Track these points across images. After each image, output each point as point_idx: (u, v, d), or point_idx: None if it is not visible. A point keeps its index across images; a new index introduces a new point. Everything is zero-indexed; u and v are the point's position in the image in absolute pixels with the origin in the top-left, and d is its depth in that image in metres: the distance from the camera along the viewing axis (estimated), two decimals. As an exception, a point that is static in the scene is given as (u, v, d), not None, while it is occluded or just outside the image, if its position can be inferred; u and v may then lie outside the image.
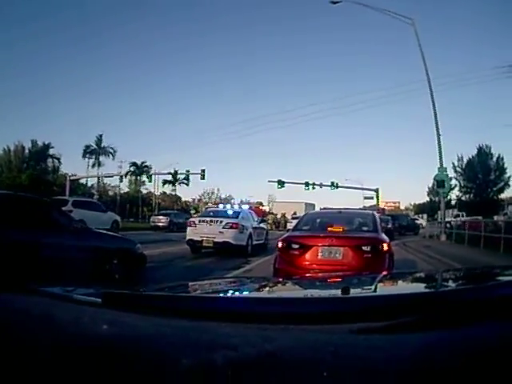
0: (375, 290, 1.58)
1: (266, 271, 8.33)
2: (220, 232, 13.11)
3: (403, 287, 1.72)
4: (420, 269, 9.84)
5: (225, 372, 0.56)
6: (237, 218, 13.95)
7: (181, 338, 0.69)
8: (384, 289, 1.72)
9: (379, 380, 0.58)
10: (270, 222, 40.40)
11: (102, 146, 51.08)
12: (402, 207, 62.67)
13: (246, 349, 0.62)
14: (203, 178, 39.52)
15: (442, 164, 23.66)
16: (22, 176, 38.51)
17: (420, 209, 62.16)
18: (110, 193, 59.91)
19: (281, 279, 2.97)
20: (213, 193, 66.88)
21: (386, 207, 47.04)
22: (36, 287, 1.06)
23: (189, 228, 13.84)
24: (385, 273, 4.49)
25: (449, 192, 27.36)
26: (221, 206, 16.93)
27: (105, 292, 1.01)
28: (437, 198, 57.24)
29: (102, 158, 50.91)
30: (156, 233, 25.43)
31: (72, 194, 30.59)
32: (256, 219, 15.99)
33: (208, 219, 13.80)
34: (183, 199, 64.71)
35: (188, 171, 42.28)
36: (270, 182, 42.43)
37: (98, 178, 47.72)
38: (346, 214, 8.03)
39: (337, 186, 41.79)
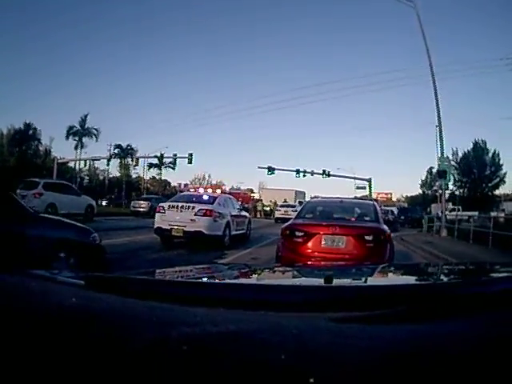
0: (361, 281, 1.67)
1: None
2: (191, 220, 11.47)
3: (392, 279, 1.77)
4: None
5: (180, 347, 0.56)
6: (212, 203, 12.29)
7: (146, 315, 0.67)
8: (371, 279, 1.71)
9: (345, 369, 0.55)
10: (258, 209, 39.69)
11: (86, 127, 48.39)
12: (394, 199, 61.91)
13: (207, 327, 0.62)
14: (190, 162, 38.95)
15: (442, 153, 22.33)
16: (10, 160, 37.44)
17: (413, 201, 61.73)
18: (101, 177, 58.64)
19: (265, 267, 3.00)
20: (203, 178, 65.90)
21: (378, 198, 46.64)
22: (22, 269, 1.02)
23: (157, 214, 12.16)
24: (383, 263, 4.83)
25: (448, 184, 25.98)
26: (201, 191, 15.48)
27: (87, 275, 1.07)
28: (430, 192, 58.67)
29: (86, 140, 48.60)
30: (135, 219, 24.05)
31: (59, 178, 29.45)
32: (237, 206, 14.57)
33: (179, 204, 12.02)
34: (172, 184, 63.44)
35: (175, 155, 41.53)
36: (259, 168, 41.41)
37: (85, 161, 45.88)
38: (347, 203, 8.16)
39: (328, 175, 41.04)
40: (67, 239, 5.49)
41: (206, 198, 13.05)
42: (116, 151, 48.78)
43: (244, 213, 15.47)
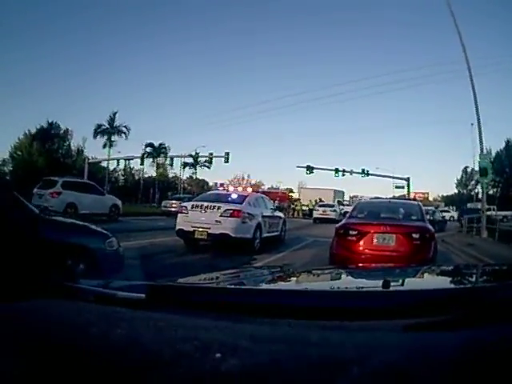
0: (417, 284, 1.62)
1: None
2: (217, 221, 10.17)
3: (444, 281, 1.73)
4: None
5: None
6: (241, 203, 10.90)
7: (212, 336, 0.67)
8: (426, 282, 1.69)
9: (424, 379, 0.55)
10: (296, 208, 38.53)
11: (115, 124, 47.94)
12: (431, 198, 59.68)
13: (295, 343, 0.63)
14: (227, 161, 38.42)
15: (482, 149, 20.29)
16: (39, 159, 37.40)
17: (448, 201, 60.21)
18: (136, 177, 58.34)
19: (313, 269, 2.97)
20: (243, 178, 64.99)
21: (416, 197, 44.32)
22: (67, 284, 1.01)
23: (179, 215, 10.89)
24: (428, 259, 6.18)
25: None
26: (231, 189, 13.91)
27: (149, 287, 1.04)
28: (465, 191, 56.19)
29: (119, 140, 48.26)
30: (166, 219, 22.93)
31: (90, 178, 28.87)
32: (270, 206, 13.17)
33: (203, 204, 10.70)
34: (210, 184, 62.30)
35: (211, 154, 41.01)
36: (298, 167, 40.66)
37: (118, 160, 45.29)
38: (394, 203, 8.69)
39: (367, 174, 39.92)
40: (76, 244, 4.84)
41: (234, 197, 11.61)
42: (148, 150, 48.09)
43: (278, 213, 13.99)
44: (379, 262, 5.47)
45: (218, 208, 10.46)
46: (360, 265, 4.61)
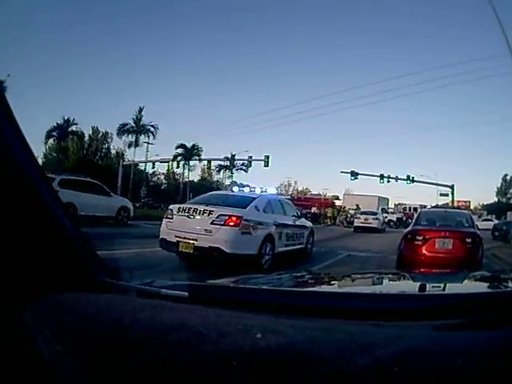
0: (452, 288, 1.63)
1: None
2: (206, 230, 7.62)
3: (481, 286, 1.75)
4: None
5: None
6: (244, 207, 8.34)
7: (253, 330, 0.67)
8: (461, 287, 1.71)
9: (456, 376, 0.57)
10: (342, 217, 34.45)
11: (142, 123, 45.14)
12: (472, 207, 56.74)
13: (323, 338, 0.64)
14: (267, 165, 37.24)
15: None
16: (69, 160, 36.80)
17: (488, 209, 57.56)
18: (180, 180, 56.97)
19: (358, 273, 3.31)
20: (289, 185, 63.50)
21: (459, 205, 42.21)
22: (110, 281, 1.02)
23: (164, 221, 8.44)
24: (477, 260, 7.79)
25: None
26: (235, 189, 11.34)
27: (191, 286, 1.08)
28: (504, 199, 51.91)
29: (150, 141, 45.84)
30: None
31: (127, 181, 27.44)
32: (292, 212, 10.60)
33: (192, 207, 8.14)
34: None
35: (250, 157, 39.65)
36: (342, 172, 40.01)
37: (153, 163, 43.90)
38: (449, 212, 10.30)
39: (412, 180, 39.42)
40: None
41: (237, 198, 9.08)
42: (179, 151, 45.71)
43: (303, 221, 11.33)
44: (439, 263, 7.00)
45: (210, 213, 7.80)
46: (407, 269, 4.89)
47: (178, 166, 45.29)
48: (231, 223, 7.67)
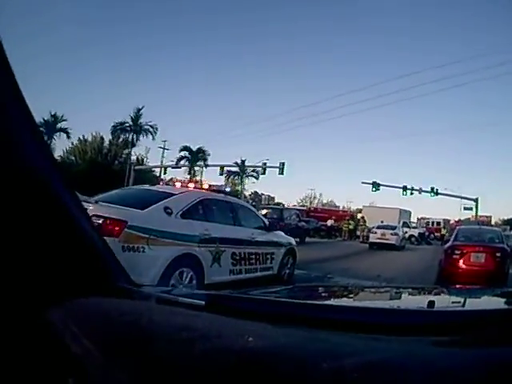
0: (460, 304, 1.63)
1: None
2: None
3: (492, 302, 1.77)
4: None
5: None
6: (143, 208, 5.60)
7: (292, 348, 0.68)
8: (472, 303, 1.72)
9: None
10: (361, 229, 30.79)
11: (139, 122, 42.25)
12: (493, 222, 55.59)
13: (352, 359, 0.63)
14: (282, 173, 35.57)
15: None
16: (82, 164, 36.15)
17: (510, 224, 55.29)
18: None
19: (372, 287, 3.24)
20: (314, 197, 62.34)
21: (483, 221, 41.40)
22: (130, 288, 1.07)
23: None
24: (504, 272, 8.74)
25: None
26: (178, 185, 9.50)
27: (208, 295, 1.12)
28: None
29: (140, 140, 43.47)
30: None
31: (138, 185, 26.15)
32: (257, 222, 7.99)
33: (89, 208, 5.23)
34: (276, 200, 58.68)
35: (265, 164, 38.12)
36: (363, 183, 38.75)
37: (165, 168, 42.73)
38: (483, 229, 11.52)
39: (436, 193, 37.97)
40: None
41: (147, 195, 6.37)
42: (183, 154, 42.83)
43: (277, 235, 8.60)
44: (474, 275, 8.39)
45: (96, 216, 4.89)
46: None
47: (189, 172, 43.67)
48: (107, 231, 4.76)
